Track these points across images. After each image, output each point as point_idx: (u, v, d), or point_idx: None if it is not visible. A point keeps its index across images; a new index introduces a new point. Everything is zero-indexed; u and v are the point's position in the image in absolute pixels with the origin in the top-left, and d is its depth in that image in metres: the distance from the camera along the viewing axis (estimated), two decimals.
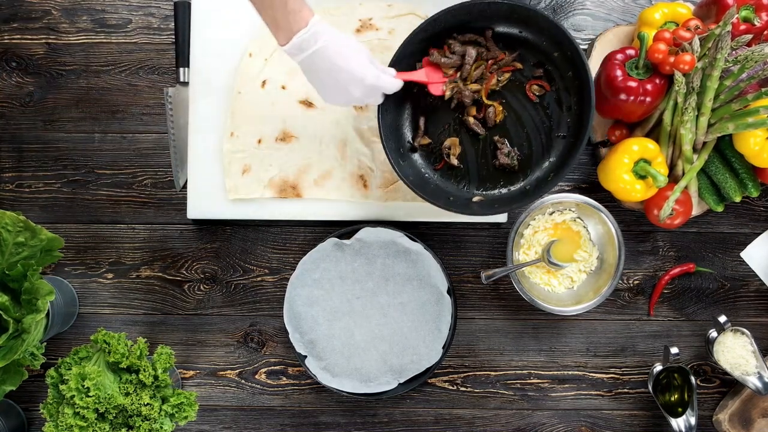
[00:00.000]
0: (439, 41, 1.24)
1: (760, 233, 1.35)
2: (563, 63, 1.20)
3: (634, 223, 1.35)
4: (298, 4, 1.03)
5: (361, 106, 1.31)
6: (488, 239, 1.36)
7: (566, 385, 1.35)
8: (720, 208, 1.27)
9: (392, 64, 1.19)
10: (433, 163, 1.27)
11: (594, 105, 1.15)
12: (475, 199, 1.25)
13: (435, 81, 1.23)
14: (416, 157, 1.27)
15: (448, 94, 1.23)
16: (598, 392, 1.35)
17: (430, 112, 1.27)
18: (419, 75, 1.22)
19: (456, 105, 1.26)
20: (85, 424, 1.12)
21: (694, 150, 1.24)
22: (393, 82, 1.14)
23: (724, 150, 1.28)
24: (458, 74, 1.23)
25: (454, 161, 1.26)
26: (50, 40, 1.37)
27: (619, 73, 1.21)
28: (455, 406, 1.36)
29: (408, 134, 1.27)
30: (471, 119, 1.25)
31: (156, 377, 1.18)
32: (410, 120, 1.27)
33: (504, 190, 1.25)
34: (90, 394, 1.12)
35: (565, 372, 1.35)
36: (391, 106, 1.23)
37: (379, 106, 1.20)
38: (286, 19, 1.03)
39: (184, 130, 1.34)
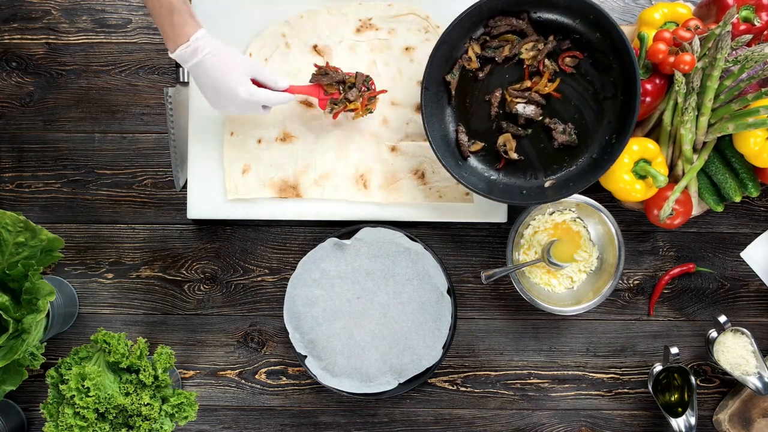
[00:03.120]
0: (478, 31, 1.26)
1: (760, 233, 1.35)
2: (588, 28, 1.21)
3: (634, 223, 1.35)
4: (183, 19, 1.11)
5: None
6: (488, 239, 1.36)
7: (566, 385, 1.35)
8: (720, 208, 1.27)
9: (427, 75, 1.21)
10: (494, 164, 1.28)
11: (634, 54, 1.14)
12: (547, 184, 1.24)
13: (322, 97, 1.24)
14: (475, 163, 1.27)
15: (326, 111, 1.25)
16: (598, 392, 1.35)
17: (469, 117, 1.27)
18: (308, 90, 1.24)
19: (498, 105, 1.26)
20: (85, 424, 1.12)
21: (694, 150, 1.24)
22: (273, 96, 1.19)
23: (724, 150, 1.28)
24: (342, 94, 1.23)
25: (514, 155, 1.26)
26: (50, 40, 1.37)
27: None
28: (455, 406, 1.36)
29: (459, 145, 1.27)
30: (511, 131, 1.26)
31: (156, 377, 1.18)
32: (455, 131, 1.28)
33: (572, 167, 1.25)
34: (90, 394, 1.12)
35: (565, 372, 1.35)
36: (435, 120, 1.24)
37: (424, 124, 1.21)
38: (172, 31, 1.12)
39: (184, 130, 1.34)
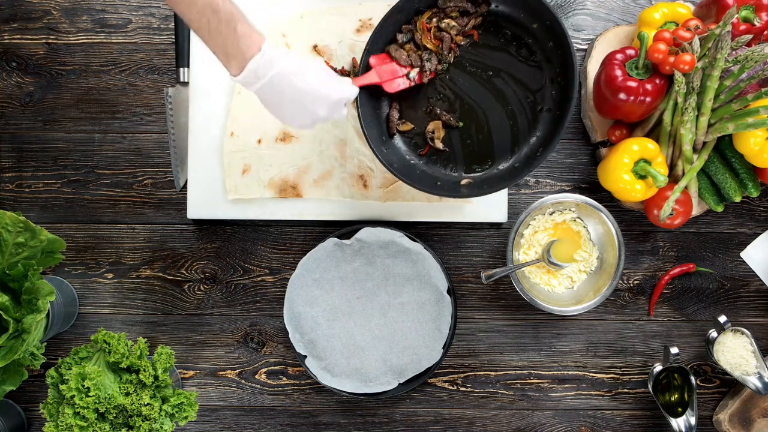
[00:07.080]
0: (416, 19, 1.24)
1: (760, 233, 1.35)
2: (543, 34, 1.19)
3: (634, 223, 1.35)
4: (248, 29, 0.97)
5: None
6: (488, 239, 1.36)
7: (566, 385, 1.35)
8: (720, 208, 1.27)
9: (367, 50, 1.19)
10: (418, 149, 1.25)
11: (577, 73, 1.12)
12: (464, 182, 1.22)
13: (388, 79, 1.20)
14: (399, 143, 1.25)
15: (412, 77, 1.21)
16: (598, 392, 1.35)
17: (405, 97, 1.25)
18: (371, 77, 1.19)
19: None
20: (85, 424, 1.12)
21: (694, 150, 1.24)
22: (353, 90, 1.10)
23: (724, 150, 1.28)
24: (412, 69, 1.21)
25: (439, 145, 1.24)
26: (50, 40, 1.37)
27: (619, 73, 1.21)
28: (455, 406, 1.36)
29: (389, 121, 1.25)
30: (443, 117, 1.24)
31: (156, 377, 1.18)
32: (389, 107, 1.25)
33: (493, 171, 1.23)
34: (90, 394, 1.12)
35: (565, 372, 1.35)
36: (370, 89, 1.21)
37: (358, 94, 1.17)
38: (236, 46, 0.97)
39: (184, 130, 1.34)
